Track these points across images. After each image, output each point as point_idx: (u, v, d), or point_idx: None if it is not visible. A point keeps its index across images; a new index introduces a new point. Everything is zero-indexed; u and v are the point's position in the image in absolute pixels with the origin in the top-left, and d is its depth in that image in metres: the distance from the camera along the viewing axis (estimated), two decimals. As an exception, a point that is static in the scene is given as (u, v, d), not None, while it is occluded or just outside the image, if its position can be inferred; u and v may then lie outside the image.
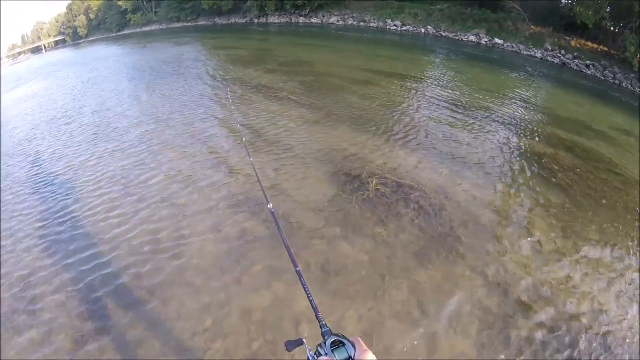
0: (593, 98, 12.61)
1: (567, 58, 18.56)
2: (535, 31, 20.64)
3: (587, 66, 17.77)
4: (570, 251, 3.70)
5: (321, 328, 0.98)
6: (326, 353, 0.83)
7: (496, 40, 20.95)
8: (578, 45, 19.24)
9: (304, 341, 0.94)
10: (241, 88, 9.35)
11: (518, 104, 9.13)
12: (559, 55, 18.85)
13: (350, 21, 27.58)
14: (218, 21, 37.90)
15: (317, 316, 1.07)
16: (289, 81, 9.78)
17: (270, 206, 1.81)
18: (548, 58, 18.99)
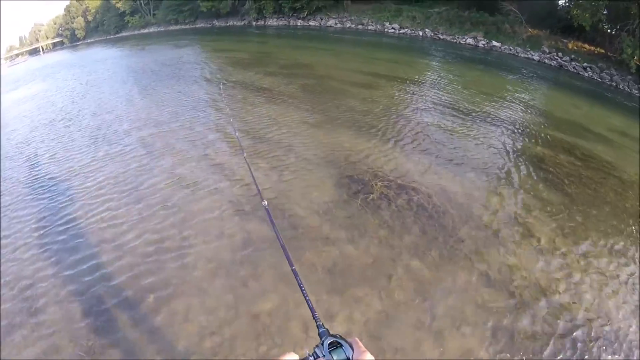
0: (590, 100, 12.73)
1: (565, 60, 18.71)
2: (532, 34, 20.80)
3: (585, 68, 17.92)
4: (571, 251, 3.74)
5: (318, 329, 0.95)
6: (324, 355, 0.81)
7: (494, 43, 21.09)
8: (575, 47, 19.40)
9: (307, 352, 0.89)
10: (242, 91, 9.34)
11: (517, 107, 9.20)
12: (557, 57, 18.99)
13: (348, 24, 27.67)
14: (216, 24, 37.97)
15: (314, 316, 1.04)
16: (290, 84, 9.80)
17: (264, 203, 1.81)
18: (545, 60, 19.14)
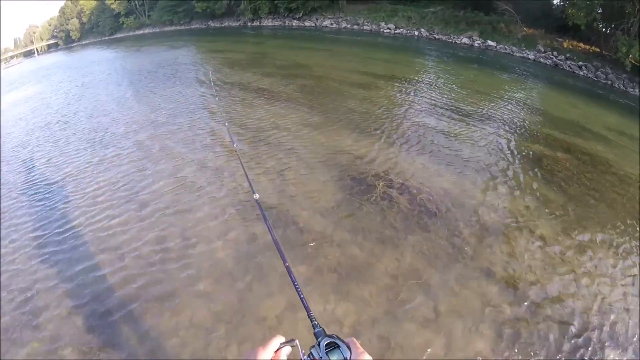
0: (586, 99, 12.81)
1: (560, 59, 18.80)
2: (527, 33, 20.89)
3: (580, 67, 18.02)
4: (573, 250, 3.75)
5: (314, 328, 0.92)
6: (321, 357, 0.79)
7: (489, 42, 21.14)
8: (570, 46, 19.51)
9: (297, 342, 0.87)
10: (240, 92, 9.30)
11: (514, 106, 9.23)
12: (552, 56, 19.09)
13: (344, 24, 27.64)
14: (211, 25, 37.84)
15: (309, 315, 1.00)
16: (288, 85, 9.77)
17: (256, 196, 1.79)
18: (541, 60, 19.22)
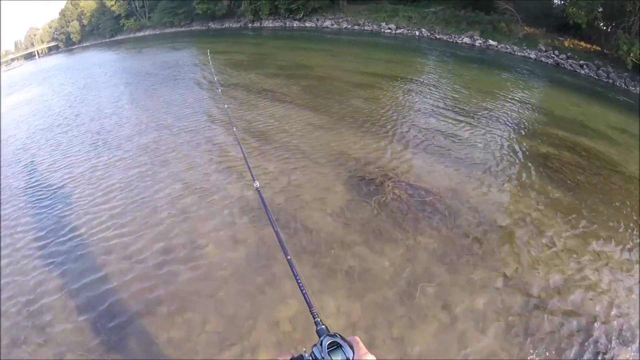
0: (588, 97, 12.79)
1: (561, 58, 18.78)
2: (528, 32, 20.87)
3: (581, 66, 18.00)
4: (581, 249, 3.76)
5: (316, 325, 0.91)
6: (323, 357, 0.78)
7: (490, 42, 21.12)
8: (571, 45, 19.49)
9: (304, 350, 0.85)
10: (244, 93, 9.29)
11: (517, 105, 9.22)
12: (553, 55, 19.07)
13: (344, 25, 27.64)
14: (212, 26, 37.84)
15: (312, 312, 0.98)
16: (291, 86, 9.77)
17: (256, 184, 1.79)
18: (542, 59, 19.20)
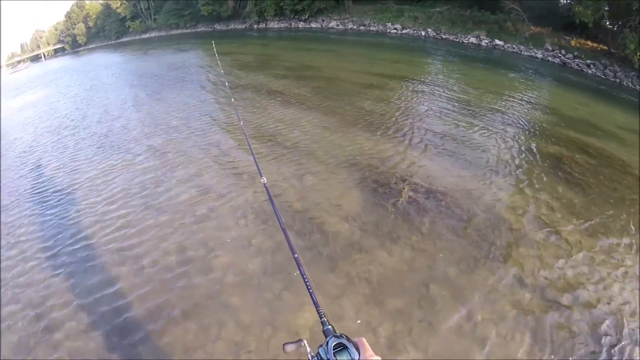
0: (596, 97, 12.69)
1: (568, 58, 18.65)
2: (535, 32, 20.73)
3: (588, 65, 17.86)
4: (600, 254, 3.72)
5: (323, 326, 0.91)
6: (328, 358, 0.78)
7: (497, 41, 21.02)
8: (578, 44, 19.34)
9: (304, 343, 0.87)
10: (253, 94, 9.29)
11: (527, 107, 9.17)
12: (560, 55, 18.94)
13: (350, 25, 27.63)
14: (217, 27, 38.03)
15: (319, 311, 0.98)
16: (301, 87, 9.76)
17: (264, 180, 1.79)
18: (549, 58, 19.08)
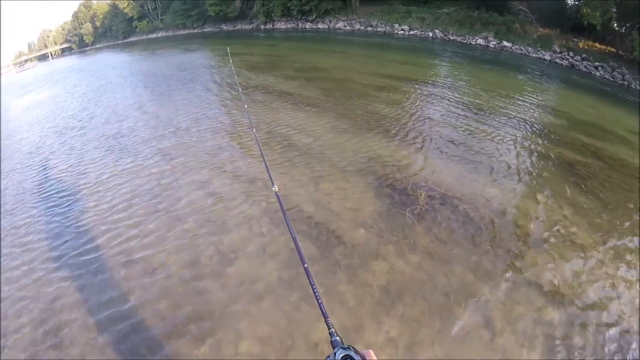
0: (604, 100, 12.60)
1: (576, 60, 18.55)
2: (543, 33, 20.63)
3: (596, 68, 17.75)
4: (615, 260, 3.72)
5: (331, 336, 0.93)
6: None
7: (505, 43, 20.94)
8: (586, 46, 19.22)
9: None
10: (263, 96, 9.27)
11: (538, 110, 9.12)
12: (568, 57, 18.84)
13: (357, 26, 27.65)
14: (224, 28, 38.18)
15: (327, 322, 0.99)
16: (311, 88, 9.72)
17: (275, 189, 1.80)
18: (557, 60, 18.99)
